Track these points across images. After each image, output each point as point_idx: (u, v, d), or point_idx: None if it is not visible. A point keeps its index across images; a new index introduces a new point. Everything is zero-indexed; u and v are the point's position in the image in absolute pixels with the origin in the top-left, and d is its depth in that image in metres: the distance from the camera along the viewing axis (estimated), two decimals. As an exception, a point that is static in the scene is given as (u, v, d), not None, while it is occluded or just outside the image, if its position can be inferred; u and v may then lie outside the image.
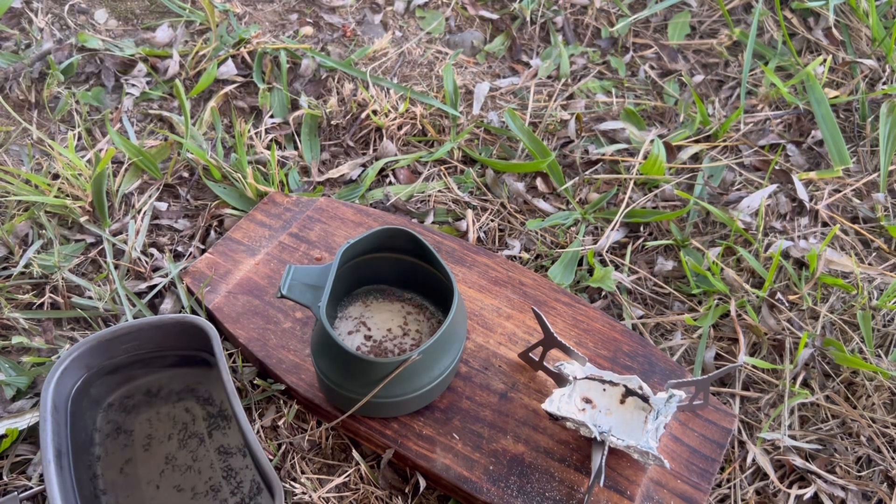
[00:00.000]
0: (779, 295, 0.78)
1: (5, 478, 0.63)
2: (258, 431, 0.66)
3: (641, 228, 0.85)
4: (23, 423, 0.65)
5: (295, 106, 0.96)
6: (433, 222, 0.85)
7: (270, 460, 0.65)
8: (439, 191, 0.88)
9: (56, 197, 0.81)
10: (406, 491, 0.64)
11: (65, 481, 0.53)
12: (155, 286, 0.75)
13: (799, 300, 0.77)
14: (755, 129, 0.96)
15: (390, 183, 0.89)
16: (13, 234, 0.79)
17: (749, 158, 0.93)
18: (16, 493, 0.50)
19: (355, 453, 0.64)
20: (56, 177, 0.84)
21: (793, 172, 0.90)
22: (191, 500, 0.58)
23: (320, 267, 0.63)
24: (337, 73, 1.00)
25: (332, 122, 0.94)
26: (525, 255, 0.82)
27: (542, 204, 0.87)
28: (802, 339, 0.71)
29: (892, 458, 0.67)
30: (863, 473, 0.67)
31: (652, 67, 1.05)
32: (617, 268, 0.81)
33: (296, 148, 0.92)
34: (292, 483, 0.63)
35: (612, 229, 0.84)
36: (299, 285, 0.62)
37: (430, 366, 0.60)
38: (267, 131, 0.93)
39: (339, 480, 0.64)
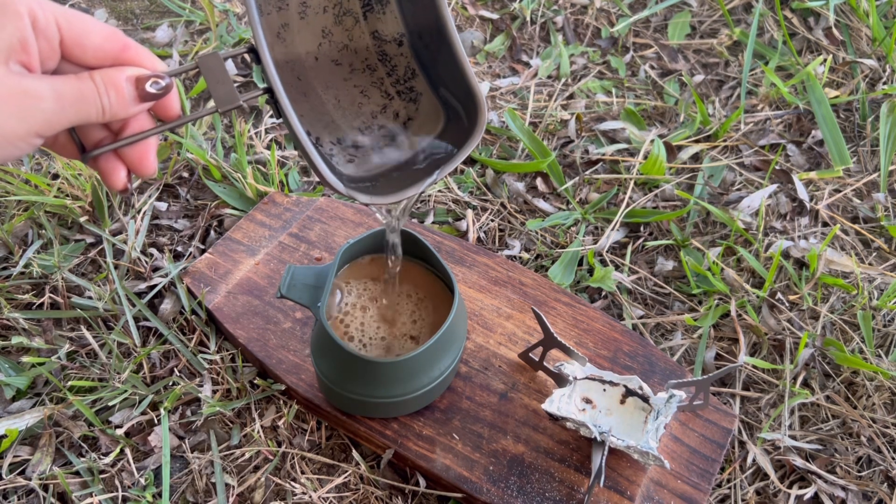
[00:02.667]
0: (779, 295, 0.78)
1: (5, 478, 0.63)
2: (258, 431, 0.66)
3: (641, 228, 0.85)
4: (22, 423, 0.65)
5: (295, 106, 0.96)
6: (433, 222, 0.85)
7: (270, 460, 0.65)
8: (439, 191, 0.88)
9: (56, 197, 0.81)
10: (406, 491, 0.64)
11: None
12: (155, 286, 0.75)
13: (799, 300, 0.77)
14: (755, 129, 0.96)
15: (390, 183, 0.89)
16: (13, 234, 0.79)
17: (749, 158, 0.93)
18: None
19: (355, 453, 0.64)
20: (56, 176, 0.84)
21: (793, 172, 0.90)
22: (349, 74, 0.55)
23: (320, 267, 0.63)
24: (337, 73, 0.99)
25: (332, 122, 0.94)
26: (525, 255, 0.82)
27: (542, 204, 0.87)
28: (803, 339, 0.71)
29: (893, 459, 0.67)
30: (863, 473, 0.66)
31: (652, 67, 1.05)
32: (617, 268, 0.81)
33: (295, 148, 0.92)
34: (292, 483, 0.63)
35: (613, 229, 0.83)
36: (299, 285, 0.62)
37: (430, 366, 0.60)
38: (267, 131, 0.93)
39: (339, 480, 0.64)
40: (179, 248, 0.80)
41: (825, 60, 1.01)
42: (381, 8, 0.54)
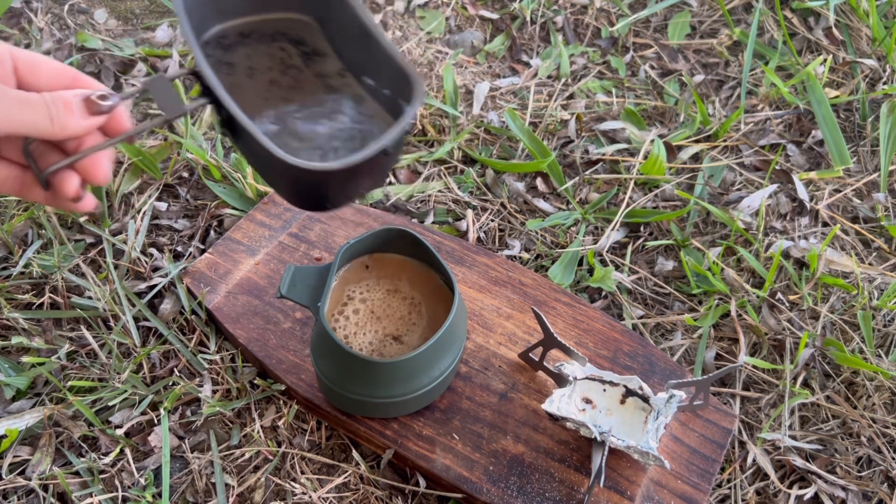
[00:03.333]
0: (779, 295, 0.78)
1: (5, 478, 0.63)
2: (257, 431, 0.66)
3: (642, 228, 0.85)
4: (22, 423, 0.65)
5: (295, 106, 0.96)
6: (433, 222, 0.85)
7: (270, 460, 0.65)
8: (439, 191, 0.88)
9: (56, 197, 0.81)
10: (406, 491, 0.64)
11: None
12: (155, 286, 0.75)
13: (799, 300, 0.77)
14: (755, 129, 0.96)
15: (390, 183, 0.89)
16: (13, 234, 0.79)
17: (749, 158, 0.93)
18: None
19: (355, 453, 0.64)
20: (56, 177, 0.84)
21: (793, 172, 0.90)
22: (299, 109, 0.60)
23: (320, 266, 0.63)
24: (337, 73, 0.99)
25: (332, 122, 0.93)
26: (525, 255, 0.82)
27: (542, 204, 0.87)
28: (803, 339, 0.71)
29: (893, 459, 0.67)
30: (863, 474, 0.66)
31: (652, 67, 1.05)
32: (617, 268, 0.81)
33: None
34: (292, 483, 0.63)
35: (613, 229, 0.83)
36: (299, 285, 0.62)
37: (430, 366, 0.60)
38: (267, 131, 0.93)
39: (339, 480, 0.64)
40: (179, 248, 0.80)
41: (825, 60, 1.01)
42: (322, 58, 0.60)
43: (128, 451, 0.65)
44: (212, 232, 0.82)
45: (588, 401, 0.63)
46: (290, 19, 0.64)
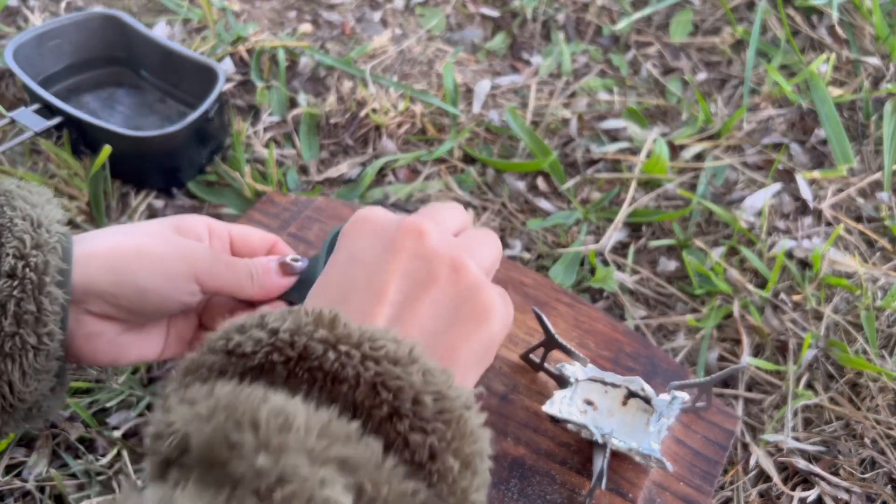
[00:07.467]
0: (782, 295, 0.77)
1: (1, 480, 0.62)
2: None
3: (644, 228, 0.85)
4: (18, 424, 0.65)
5: (293, 104, 0.96)
6: (433, 222, 0.84)
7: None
8: (439, 190, 0.87)
9: (53, 196, 0.80)
10: (406, 494, 0.63)
11: None
12: (152, 286, 0.75)
13: (802, 300, 0.77)
14: (758, 128, 0.95)
15: (390, 182, 0.88)
16: (9, 234, 0.79)
17: (752, 157, 0.92)
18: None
19: (354, 455, 0.64)
20: (52, 176, 0.84)
21: (796, 171, 0.90)
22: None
23: (309, 259, 0.62)
24: (336, 72, 0.99)
25: (331, 121, 0.93)
26: (526, 255, 0.81)
27: (543, 203, 0.86)
28: (806, 339, 0.71)
29: (897, 461, 0.67)
30: (867, 475, 0.66)
31: (654, 65, 1.05)
32: (619, 268, 0.81)
33: (294, 147, 0.91)
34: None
35: (615, 229, 0.83)
36: (299, 285, 0.61)
37: (430, 367, 0.60)
38: (265, 130, 0.93)
39: (337, 483, 0.63)
40: (177, 248, 0.79)
41: (828, 59, 1.00)
42: (142, 92, 0.91)
43: (125, 452, 0.64)
44: (210, 231, 0.81)
45: (589, 402, 0.63)
46: (106, 72, 0.89)
